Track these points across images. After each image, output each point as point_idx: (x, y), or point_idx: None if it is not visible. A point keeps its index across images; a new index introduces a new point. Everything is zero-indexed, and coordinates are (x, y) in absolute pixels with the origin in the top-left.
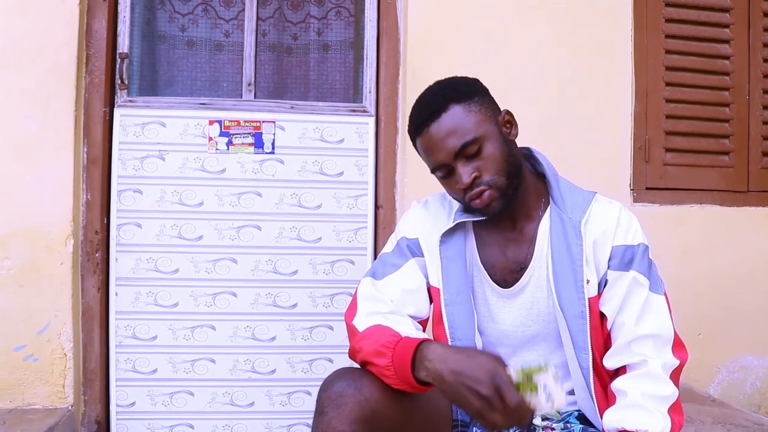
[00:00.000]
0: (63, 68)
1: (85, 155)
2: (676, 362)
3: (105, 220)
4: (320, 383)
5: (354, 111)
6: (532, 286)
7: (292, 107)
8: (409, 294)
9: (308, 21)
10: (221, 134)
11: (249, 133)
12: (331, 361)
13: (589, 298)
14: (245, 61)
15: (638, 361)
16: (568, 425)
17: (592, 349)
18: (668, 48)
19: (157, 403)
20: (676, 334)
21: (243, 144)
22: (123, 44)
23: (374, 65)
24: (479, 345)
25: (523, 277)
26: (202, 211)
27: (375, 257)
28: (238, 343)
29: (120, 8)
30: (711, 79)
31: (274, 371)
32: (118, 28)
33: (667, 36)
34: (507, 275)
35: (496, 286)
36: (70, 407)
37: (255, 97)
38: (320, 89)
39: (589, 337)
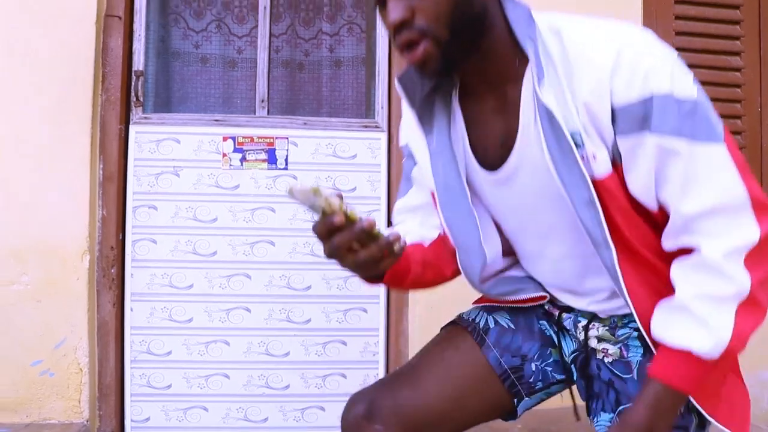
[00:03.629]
0: (80, 86)
1: (101, 172)
2: (751, 239)
3: (120, 235)
4: (334, 398)
5: (366, 127)
6: (527, 165)
7: (305, 123)
8: (414, 210)
9: (320, 37)
10: (235, 150)
11: (262, 149)
12: (344, 376)
13: (602, 179)
14: (258, 78)
15: (692, 245)
16: (625, 351)
17: (614, 242)
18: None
19: (172, 418)
20: (754, 193)
21: (256, 160)
22: (138, 62)
23: (386, 81)
24: (490, 253)
25: (511, 154)
26: (216, 226)
27: None
28: (251, 359)
29: (135, 27)
30: (722, 91)
31: (287, 387)
32: (134, 46)
33: (677, 49)
34: (496, 155)
35: (483, 170)
36: (85, 422)
37: (268, 114)
38: (332, 105)
39: (605, 228)
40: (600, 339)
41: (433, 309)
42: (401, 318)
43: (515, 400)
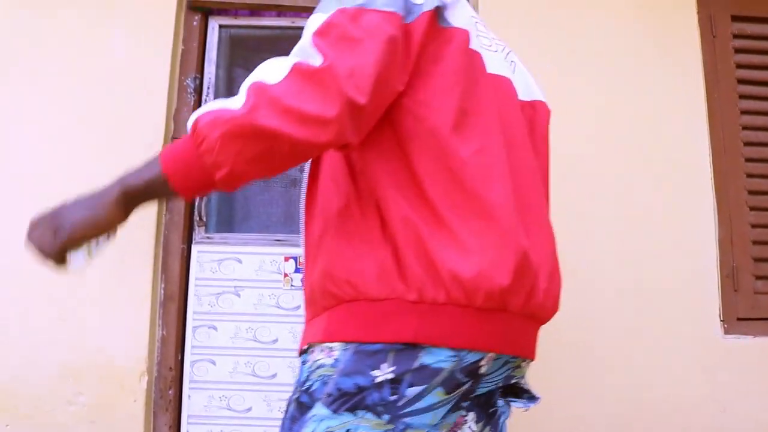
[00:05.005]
0: (145, 207)
1: (162, 291)
2: (293, 61)
3: (179, 356)
4: None
5: None
6: None
7: None
8: None
9: None
10: (296, 270)
11: None
12: None
13: None
14: None
15: None
16: None
17: None
18: (749, 171)
19: None
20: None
21: None
22: None
23: None
24: None
25: None
26: (277, 348)
27: None
28: None
29: None
30: None
31: None
32: None
33: (747, 160)
34: None
35: None
36: None
37: None
38: None
39: None
40: None
41: None
42: None
43: None
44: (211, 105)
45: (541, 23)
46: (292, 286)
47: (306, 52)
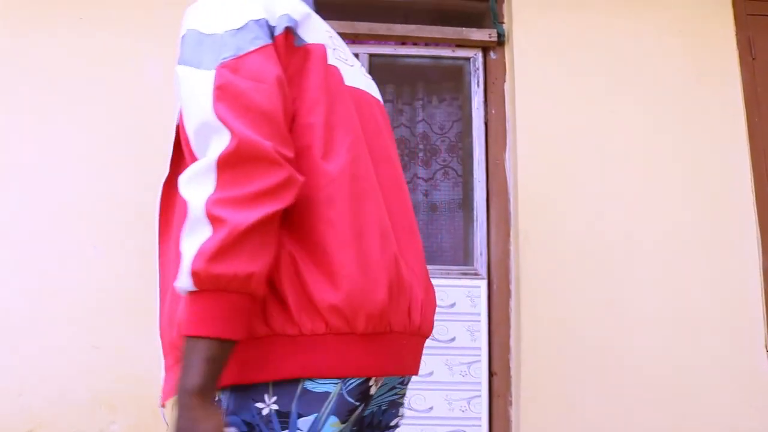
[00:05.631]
0: None
1: None
2: (213, 157)
3: None
4: None
5: (465, 274)
6: None
7: None
8: None
9: (415, 182)
10: None
11: None
12: None
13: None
14: None
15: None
16: None
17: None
18: None
19: None
20: (222, 113)
21: None
22: None
23: (484, 226)
24: None
25: None
26: None
27: (490, 428)
28: None
29: None
30: None
31: None
32: None
33: None
34: None
35: None
36: None
37: None
38: (429, 251)
39: (169, 162)
40: None
41: None
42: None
43: None
44: (186, 257)
45: (580, 51)
46: None
47: (213, 128)
